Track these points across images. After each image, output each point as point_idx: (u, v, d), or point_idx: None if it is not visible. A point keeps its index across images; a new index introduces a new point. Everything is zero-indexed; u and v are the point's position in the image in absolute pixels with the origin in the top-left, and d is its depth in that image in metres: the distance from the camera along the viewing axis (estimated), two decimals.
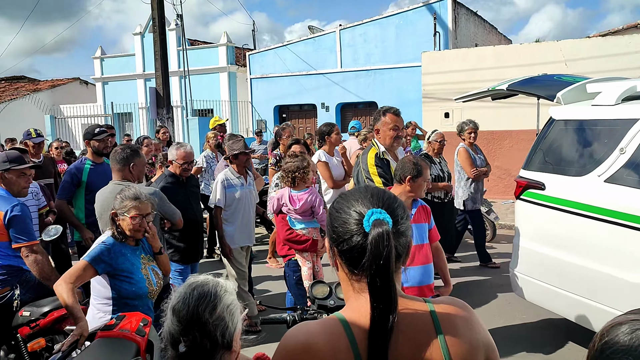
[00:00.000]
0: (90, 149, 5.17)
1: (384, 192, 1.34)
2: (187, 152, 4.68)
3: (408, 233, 1.31)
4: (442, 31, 15.05)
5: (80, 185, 4.98)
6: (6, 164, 3.63)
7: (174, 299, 1.58)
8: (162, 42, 13.01)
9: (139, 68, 21.72)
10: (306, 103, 17.86)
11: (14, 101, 23.34)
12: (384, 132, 4.13)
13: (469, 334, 1.29)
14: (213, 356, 1.51)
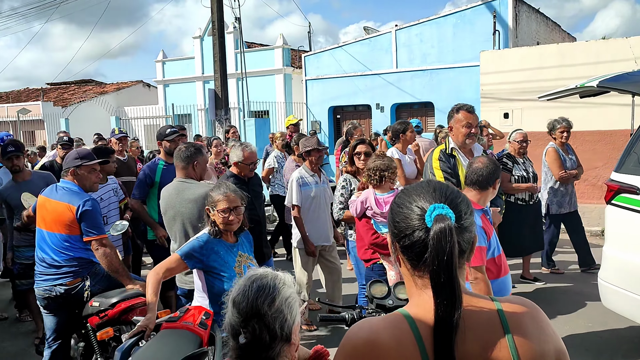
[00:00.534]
0: (163, 149, 5.27)
1: (447, 187, 1.32)
2: (253, 152, 4.62)
3: (472, 229, 1.29)
4: (502, 30, 14.67)
5: (154, 185, 5.02)
6: (77, 160, 3.81)
7: (234, 291, 1.61)
8: (221, 45, 13.31)
9: (198, 71, 22.30)
10: (361, 104, 17.82)
11: (83, 103, 24.50)
12: (457, 129, 4.09)
13: (539, 335, 1.25)
14: (272, 348, 1.53)
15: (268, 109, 19.33)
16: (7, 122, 23.38)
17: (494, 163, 3.29)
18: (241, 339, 1.52)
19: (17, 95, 29.68)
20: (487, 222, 3.18)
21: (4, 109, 24.21)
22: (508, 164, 6.11)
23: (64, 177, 3.84)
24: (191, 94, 21.97)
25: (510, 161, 6.15)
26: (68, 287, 3.64)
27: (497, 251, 3.23)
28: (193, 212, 3.80)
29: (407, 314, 1.26)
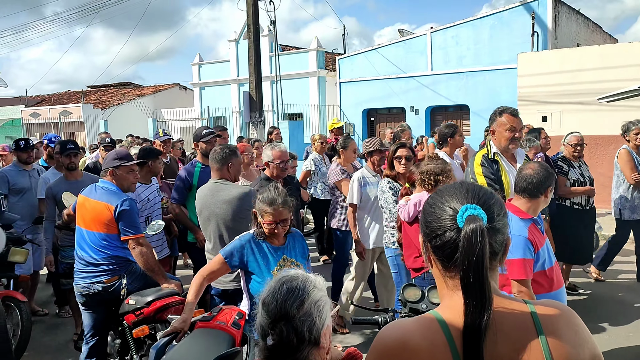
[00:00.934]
0: (199, 151, 5.20)
1: (480, 188, 1.32)
2: (282, 151, 4.49)
3: (505, 231, 1.28)
4: (541, 31, 14.38)
5: (192, 188, 4.91)
6: (116, 161, 3.90)
7: (264, 292, 1.61)
8: (256, 48, 13.43)
9: (233, 73, 22.57)
10: (395, 106, 17.73)
11: (121, 105, 25.10)
12: (500, 133, 3.92)
13: (573, 338, 1.23)
14: (299, 351, 1.52)
15: (302, 112, 19.41)
16: (49, 124, 24.12)
17: (546, 170, 3.11)
18: (269, 341, 1.52)
19: (59, 98, 30.62)
20: (536, 233, 3.00)
21: (46, 111, 24.99)
22: (564, 168, 5.92)
23: (103, 177, 3.93)
24: (226, 97, 22.26)
25: (565, 164, 5.95)
26: (106, 284, 3.72)
27: (549, 263, 3.03)
28: (227, 213, 3.83)
29: (439, 316, 1.26)
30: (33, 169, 5.93)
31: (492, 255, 1.23)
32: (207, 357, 2.27)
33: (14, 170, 5.79)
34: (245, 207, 3.86)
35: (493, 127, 3.99)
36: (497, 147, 3.96)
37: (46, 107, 26.40)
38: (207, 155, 4.89)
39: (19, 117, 26.42)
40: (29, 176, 5.83)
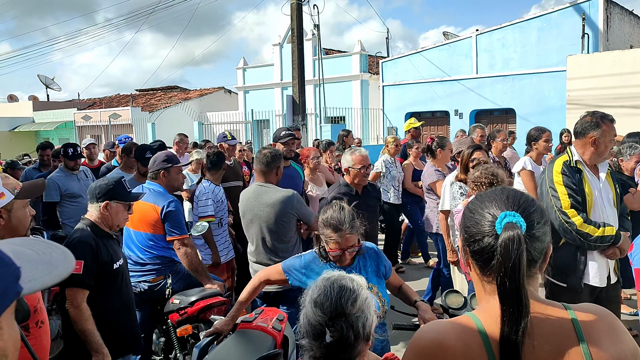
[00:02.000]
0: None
1: (520, 195, 1.32)
2: (364, 156, 4.20)
3: (545, 239, 1.27)
4: (592, 32, 13.95)
5: None
6: (166, 162, 4.02)
7: (314, 293, 1.62)
8: (299, 52, 13.55)
9: (276, 77, 22.80)
10: (439, 110, 17.53)
11: (168, 109, 25.72)
12: (604, 143, 3.46)
13: (616, 345, 1.22)
14: (355, 347, 1.55)
15: (344, 115, 19.42)
16: (100, 126, 24.97)
17: None
18: (327, 338, 1.53)
19: (109, 101, 31.65)
20: None
21: (97, 114, 25.87)
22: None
23: (151, 179, 4.04)
24: (270, 100, 22.50)
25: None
26: (151, 284, 3.83)
27: None
28: (270, 216, 3.87)
29: (476, 318, 1.27)
30: (80, 171, 6.01)
31: (531, 263, 1.24)
32: (248, 358, 2.30)
33: (63, 176, 5.80)
34: (288, 210, 3.88)
35: (593, 135, 3.51)
36: (580, 155, 3.55)
37: (97, 110, 27.33)
38: (285, 157, 4.84)
39: (71, 120, 27.43)
40: (78, 179, 5.89)
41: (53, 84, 31.61)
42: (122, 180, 3.11)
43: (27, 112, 30.16)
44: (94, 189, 3.03)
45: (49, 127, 28.17)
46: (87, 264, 2.83)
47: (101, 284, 2.94)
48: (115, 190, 3.00)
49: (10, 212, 2.23)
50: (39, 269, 0.83)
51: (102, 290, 2.96)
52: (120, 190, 3.03)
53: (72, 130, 27.41)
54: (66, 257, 0.92)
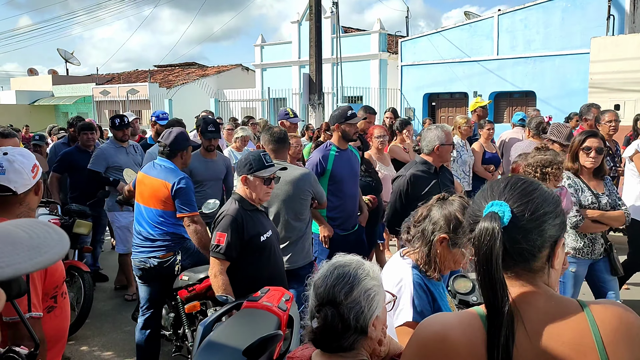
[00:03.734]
0: (338, 132, 4.55)
1: (524, 182, 1.26)
2: (448, 132, 4.05)
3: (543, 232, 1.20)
4: (618, 14, 13.56)
5: (324, 173, 4.46)
6: (187, 141, 4.04)
7: (317, 274, 1.60)
8: (317, 30, 13.39)
9: (294, 55, 22.64)
10: (457, 91, 17.29)
11: (185, 85, 25.77)
12: None
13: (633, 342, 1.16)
14: (344, 338, 1.51)
15: (362, 95, 19.26)
16: (118, 102, 25.11)
17: None
18: (314, 323, 1.52)
19: (127, 77, 31.78)
20: None
21: (115, 89, 26.00)
22: None
23: (165, 156, 4.03)
24: (287, 78, 22.38)
25: None
26: (161, 260, 3.84)
27: None
28: (289, 194, 3.86)
29: (481, 312, 1.24)
30: (129, 145, 5.87)
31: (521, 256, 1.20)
32: (251, 337, 2.29)
33: (112, 148, 5.72)
34: (307, 188, 3.89)
35: None
36: None
37: (115, 85, 27.48)
38: (347, 139, 4.54)
39: (90, 95, 27.63)
40: (127, 153, 5.77)
41: (72, 58, 31.81)
42: (262, 155, 3.20)
43: (46, 86, 30.45)
44: (239, 163, 3.23)
45: (67, 101, 28.44)
46: (229, 237, 3.03)
47: (248, 256, 3.14)
48: (253, 165, 3.13)
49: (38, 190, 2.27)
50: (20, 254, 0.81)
51: (250, 262, 3.15)
52: (258, 166, 3.14)
53: (90, 105, 27.63)
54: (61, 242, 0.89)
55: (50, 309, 2.16)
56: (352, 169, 4.66)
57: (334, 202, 4.47)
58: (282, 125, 6.07)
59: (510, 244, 1.18)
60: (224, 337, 2.44)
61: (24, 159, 2.16)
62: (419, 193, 3.81)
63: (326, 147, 4.59)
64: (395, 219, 3.79)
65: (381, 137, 5.64)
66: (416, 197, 3.61)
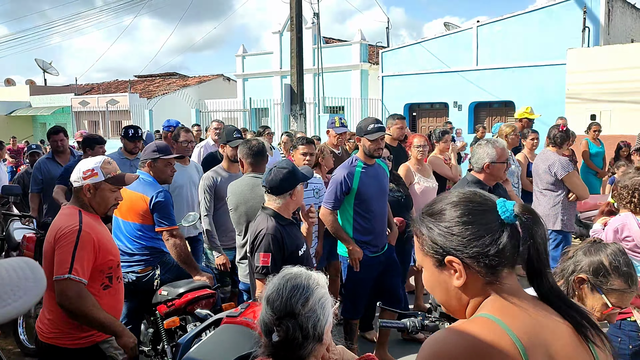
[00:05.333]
0: (361, 147, 4.15)
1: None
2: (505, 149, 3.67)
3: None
4: (593, 26, 13.84)
5: (349, 192, 4.06)
6: (155, 153, 3.95)
7: (268, 289, 1.63)
8: (298, 41, 13.43)
9: (276, 65, 22.65)
10: (438, 101, 17.44)
11: (166, 95, 25.61)
12: None
13: None
14: (304, 347, 1.54)
15: (343, 105, 19.33)
16: (97, 112, 24.85)
17: None
18: (274, 337, 1.54)
19: (107, 87, 31.48)
20: None
21: (95, 100, 25.73)
22: None
23: (141, 168, 3.98)
24: (269, 88, 22.37)
25: None
26: (139, 274, 3.78)
27: None
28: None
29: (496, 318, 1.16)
30: (136, 159, 5.37)
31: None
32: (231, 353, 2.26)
33: (118, 159, 5.06)
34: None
35: None
36: None
37: (94, 95, 27.20)
38: (371, 155, 4.11)
39: (68, 105, 27.30)
40: (130, 165, 5.25)
41: (50, 68, 31.42)
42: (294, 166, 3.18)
43: (24, 97, 30.00)
44: (274, 181, 3.10)
45: (45, 112, 28.05)
46: (273, 256, 2.96)
47: None
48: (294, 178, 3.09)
49: (97, 191, 2.67)
50: None
51: None
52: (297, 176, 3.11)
53: (69, 116, 27.28)
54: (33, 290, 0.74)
55: (105, 287, 2.63)
56: (381, 186, 4.27)
57: (362, 223, 4.12)
58: (327, 134, 5.82)
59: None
60: (203, 355, 2.41)
61: None
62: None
63: (351, 162, 4.17)
64: None
65: (421, 147, 5.26)
66: None
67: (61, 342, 2.58)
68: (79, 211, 2.65)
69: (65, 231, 2.52)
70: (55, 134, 5.90)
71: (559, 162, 5.09)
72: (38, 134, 27.69)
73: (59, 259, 2.49)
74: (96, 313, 2.52)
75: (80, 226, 2.54)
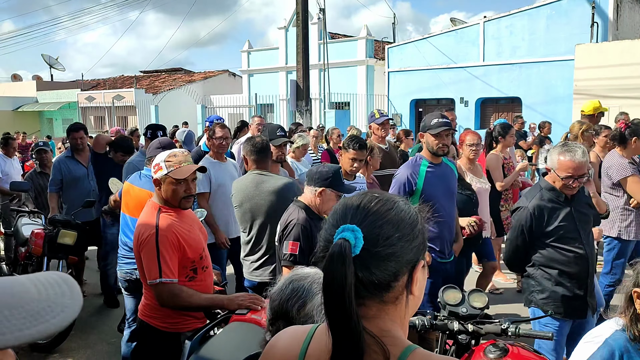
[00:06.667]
0: (425, 145, 3.83)
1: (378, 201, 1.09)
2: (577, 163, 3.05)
3: (399, 257, 1.05)
4: (601, 22, 13.74)
5: (414, 193, 3.75)
6: (159, 149, 3.94)
7: (275, 286, 1.61)
8: (304, 37, 13.40)
9: (281, 61, 22.63)
10: (444, 97, 17.38)
11: (172, 91, 25.63)
12: None
13: None
14: None
15: (349, 101, 19.30)
16: (103, 107, 24.90)
17: None
18: (267, 336, 1.53)
19: (113, 82, 31.55)
20: None
21: (101, 95, 25.79)
22: None
23: (147, 165, 3.97)
24: (274, 84, 22.36)
25: None
26: None
27: None
28: (273, 205, 3.79)
29: (314, 328, 1.19)
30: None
31: (373, 286, 1.04)
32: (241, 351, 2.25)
33: (142, 161, 4.77)
34: (291, 197, 3.81)
35: None
36: None
37: (100, 91, 27.26)
38: (436, 154, 3.80)
39: (75, 101, 27.38)
40: None
41: (57, 63, 31.52)
42: (340, 171, 3.24)
43: (30, 92, 30.12)
44: (314, 173, 3.21)
45: (52, 107, 28.14)
46: (302, 245, 3.04)
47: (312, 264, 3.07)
48: (333, 179, 3.14)
49: (164, 185, 2.73)
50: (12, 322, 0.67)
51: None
52: (337, 181, 3.17)
53: (75, 111, 27.37)
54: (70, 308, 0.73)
55: (191, 279, 2.75)
56: (448, 186, 3.93)
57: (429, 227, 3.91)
58: (369, 129, 5.55)
59: (363, 274, 1.02)
60: (212, 353, 2.40)
61: None
62: (547, 228, 3.15)
63: (415, 161, 3.86)
64: (517, 259, 3.35)
65: (474, 146, 4.84)
66: (543, 233, 3.16)
67: (154, 322, 2.83)
68: (159, 209, 2.77)
69: (145, 237, 2.68)
70: (76, 131, 5.78)
71: (616, 164, 4.73)
72: (45, 129, 27.80)
73: (147, 266, 2.67)
74: (195, 301, 2.70)
75: (156, 229, 2.67)
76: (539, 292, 3.26)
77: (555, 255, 3.19)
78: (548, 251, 3.20)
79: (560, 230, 3.15)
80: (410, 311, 1.12)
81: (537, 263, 3.26)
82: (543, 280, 3.24)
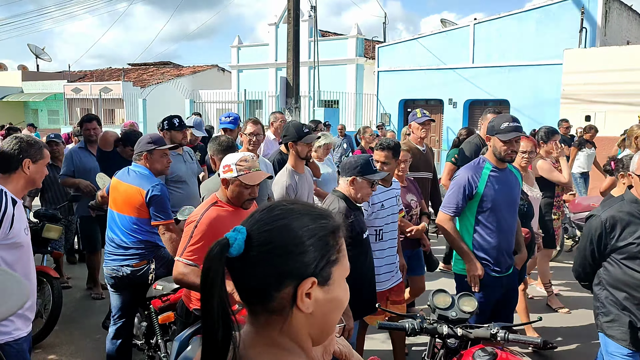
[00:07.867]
0: (491, 147, 3.56)
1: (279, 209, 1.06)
2: None
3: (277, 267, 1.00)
4: (590, 27, 13.87)
5: (473, 197, 3.50)
6: (151, 144, 3.89)
7: None
8: (295, 34, 13.36)
9: (271, 57, 22.54)
10: (433, 98, 17.45)
11: (160, 85, 25.41)
12: None
13: None
14: None
15: (338, 99, 19.29)
16: (90, 100, 24.63)
17: None
18: None
19: (100, 74, 31.22)
20: None
21: (88, 87, 25.50)
22: None
23: (136, 161, 3.92)
24: (264, 81, 22.27)
25: None
26: (134, 268, 3.74)
27: None
28: None
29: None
30: (185, 152, 4.97)
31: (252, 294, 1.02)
32: None
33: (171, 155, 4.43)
34: (262, 194, 3.82)
35: None
36: None
37: (87, 82, 26.95)
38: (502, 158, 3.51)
39: (61, 92, 27.04)
40: (184, 160, 4.91)
41: (43, 54, 31.11)
42: (370, 160, 3.39)
43: (15, 82, 29.70)
44: (345, 164, 3.42)
45: (37, 98, 27.79)
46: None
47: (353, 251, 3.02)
48: (362, 167, 3.31)
49: (231, 186, 2.91)
50: None
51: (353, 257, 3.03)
52: (366, 168, 3.32)
53: (61, 103, 27.04)
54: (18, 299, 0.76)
55: None
56: (511, 194, 3.62)
57: (485, 237, 3.51)
58: (409, 128, 5.22)
59: (239, 277, 1.01)
60: None
61: None
62: (618, 242, 2.83)
63: (478, 163, 3.60)
64: (585, 272, 3.08)
65: (527, 153, 4.40)
66: (614, 248, 2.85)
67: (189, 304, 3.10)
68: (214, 202, 2.98)
69: (190, 221, 2.97)
70: (89, 122, 5.66)
71: None
72: (30, 119, 27.42)
73: (180, 244, 2.96)
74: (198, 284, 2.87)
75: (199, 219, 2.90)
76: (603, 315, 2.95)
77: (624, 276, 2.83)
78: (616, 270, 2.86)
79: (635, 248, 2.78)
80: (313, 330, 1.05)
81: (603, 282, 2.95)
82: (608, 303, 2.91)
